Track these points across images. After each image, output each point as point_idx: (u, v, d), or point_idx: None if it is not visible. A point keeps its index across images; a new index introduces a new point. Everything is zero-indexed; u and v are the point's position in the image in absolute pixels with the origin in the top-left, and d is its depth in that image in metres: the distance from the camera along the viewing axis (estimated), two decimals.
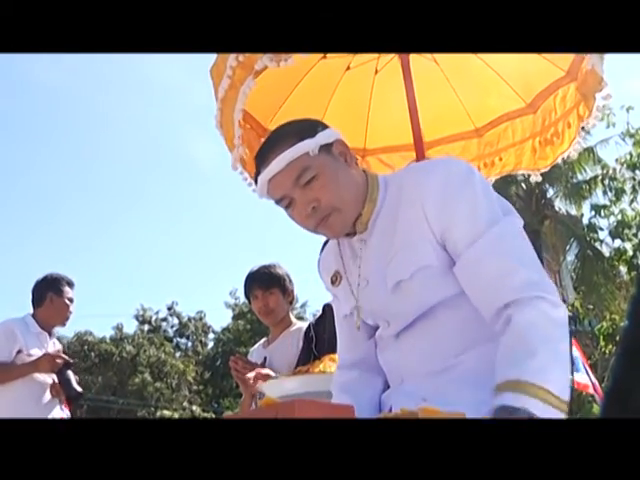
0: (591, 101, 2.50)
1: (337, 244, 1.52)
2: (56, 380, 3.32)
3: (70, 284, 3.63)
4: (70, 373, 3.31)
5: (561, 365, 1.18)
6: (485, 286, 1.26)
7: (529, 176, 3.03)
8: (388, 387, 1.50)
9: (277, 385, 2.03)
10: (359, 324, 1.45)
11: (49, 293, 3.53)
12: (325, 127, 1.39)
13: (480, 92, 2.91)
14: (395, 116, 2.88)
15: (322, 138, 1.35)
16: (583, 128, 2.72)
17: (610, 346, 9.43)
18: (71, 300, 3.60)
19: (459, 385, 1.27)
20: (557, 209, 14.60)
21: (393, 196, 1.39)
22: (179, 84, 48.79)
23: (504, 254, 1.26)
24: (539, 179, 2.94)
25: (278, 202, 1.37)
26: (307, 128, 1.37)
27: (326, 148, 1.35)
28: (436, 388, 1.30)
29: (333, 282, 1.52)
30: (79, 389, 3.30)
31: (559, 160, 2.89)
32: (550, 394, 1.11)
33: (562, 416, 1.11)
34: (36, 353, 3.35)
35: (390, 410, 1.40)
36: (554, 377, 1.14)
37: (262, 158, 1.36)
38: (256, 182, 1.40)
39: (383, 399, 1.47)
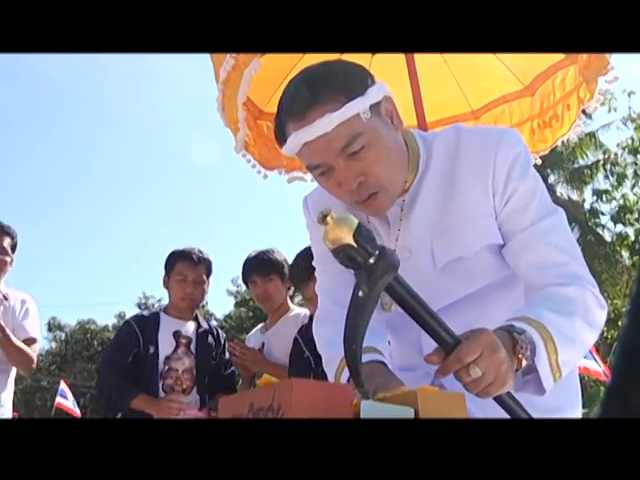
0: (593, 84, 2.48)
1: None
2: None
3: None
4: None
5: (580, 347, 1.13)
6: (537, 268, 1.17)
7: None
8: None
9: None
10: (393, 308, 1.23)
11: None
12: (373, 79, 1.15)
13: (477, 74, 2.88)
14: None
15: (373, 96, 1.11)
16: (584, 111, 2.69)
17: (612, 331, 9.49)
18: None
19: None
20: (559, 194, 14.58)
21: (441, 158, 1.23)
22: (178, 74, 48.70)
23: (560, 245, 1.19)
24: (539, 162, 2.93)
25: (311, 168, 1.15)
26: (356, 82, 1.11)
27: (375, 107, 1.12)
28: None
29: None
30: None
31: (559, 145, 2.89)
32: (556, 354, 1.04)
33: (549, 381, 1.04)
34: None
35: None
36: (570, 347, 1.07)
37: (298, 110, 1.10)
38: (279, 135, 1.16)
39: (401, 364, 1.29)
